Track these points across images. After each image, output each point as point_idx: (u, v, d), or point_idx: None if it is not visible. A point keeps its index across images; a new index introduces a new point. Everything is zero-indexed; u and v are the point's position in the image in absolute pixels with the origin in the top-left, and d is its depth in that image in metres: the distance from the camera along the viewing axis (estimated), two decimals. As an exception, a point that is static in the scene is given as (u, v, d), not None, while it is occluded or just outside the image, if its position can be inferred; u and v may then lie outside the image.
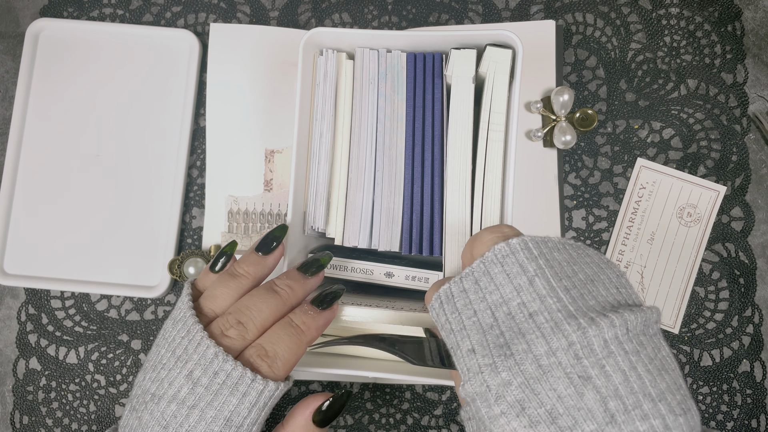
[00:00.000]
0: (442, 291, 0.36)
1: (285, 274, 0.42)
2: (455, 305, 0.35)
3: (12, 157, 0.55)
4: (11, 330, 0.55)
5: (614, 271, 0.35)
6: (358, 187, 0.47)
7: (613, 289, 0.34)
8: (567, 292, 0.32)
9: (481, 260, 0.35)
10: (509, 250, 0.34)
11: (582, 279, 0.33)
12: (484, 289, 0.34)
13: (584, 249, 0.36)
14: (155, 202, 0.55)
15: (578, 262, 0.34)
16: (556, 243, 0.35)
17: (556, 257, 0.34)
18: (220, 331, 0.38)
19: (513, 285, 0.33)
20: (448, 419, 0.53)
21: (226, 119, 0.56)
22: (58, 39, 0.57)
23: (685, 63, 0.56)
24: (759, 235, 0.55)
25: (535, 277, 0.33)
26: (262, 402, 0.37)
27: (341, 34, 0.47)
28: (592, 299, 0.32)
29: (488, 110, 0.45)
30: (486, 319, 0.33)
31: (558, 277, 0.33)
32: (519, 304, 0.32)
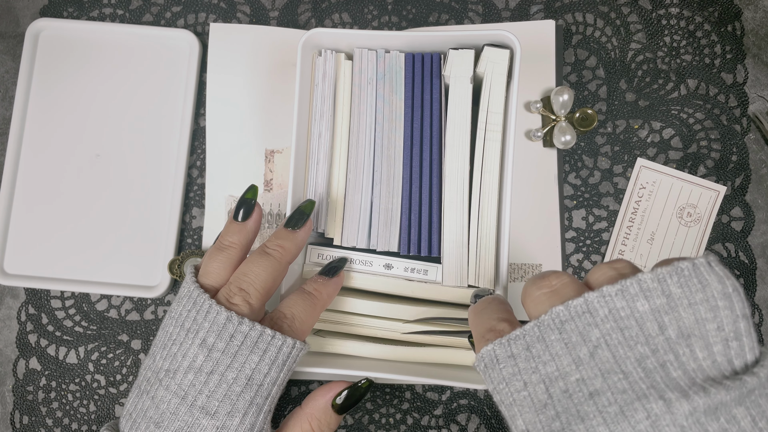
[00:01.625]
0: (485, 352, 0.31)
1: (274, 235, 0.42)
2: (501, 373, 0.30)
3: (12, 157, 0.55)
4: (11, 330, 0.55)
5: (732, 313, 0.27)
6: (356, 188, 0.47)
7: (719, 344, 0.27)
8: (639, 364, 0.27)
9: (537, 323, 0.30)
10: (569, 314, 0.29)
11: (672, 336, 0.27)
12: (537, 358, 0.29)
13: (699, 280, 0.28)
14: (155, 202, 0.55)
15: (675, 309, 0.27)
16: (643, 288, 0.28)
17: (637, 310, 0.28)
18: (225, 300, 0.39)
19: (572, 356, 0.28)
20: (448, 419, 0.53)
21: (226, 119, 0.56)
22: (58, 39, 0.57)
23: (685, 63, 0.56)
24: (759, 235, 0.54)
25: (597, 348, 0.28)
26: (281, 359, 0.37)
27: (340, 34, 0.47)
28: (677, 368, 0.27)
29: (486, 110, 0.45)
30: (539, 394, 0.29)
31: (630, 344, 0.27)
32: (578, 381, 0.28)
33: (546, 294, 0.31)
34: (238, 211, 0.43)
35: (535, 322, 0.30)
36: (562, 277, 0.32)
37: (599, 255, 0.55)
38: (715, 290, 0.27)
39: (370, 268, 0.47)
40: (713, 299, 0.27)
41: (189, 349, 0.37)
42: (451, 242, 0.45)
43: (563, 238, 0.54)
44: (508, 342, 0.30)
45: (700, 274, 0.28)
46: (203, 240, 0.55)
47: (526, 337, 0.30)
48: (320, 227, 0.47)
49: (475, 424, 0.53)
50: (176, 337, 0.38)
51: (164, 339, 0.39)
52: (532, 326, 0.30)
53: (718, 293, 0.27)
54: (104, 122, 0.56)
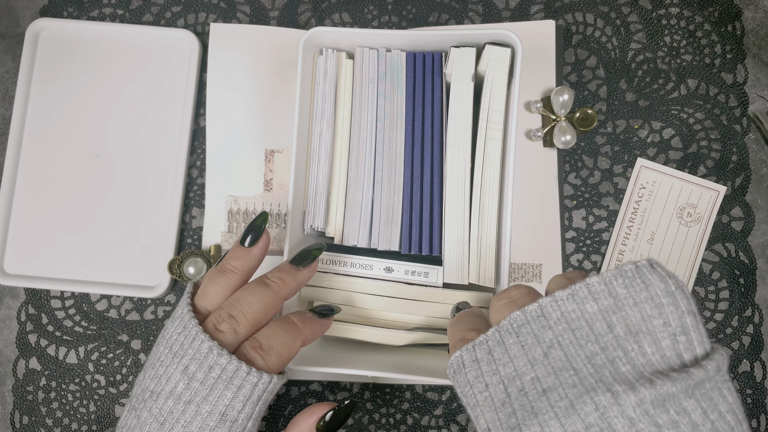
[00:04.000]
0: (453, 359, 0.33)
1: (277, 267, 0.42)
2: (467, 377, 0.32)
3: (12, 157, 0.55)
4: (11, 330, 0.55)
5: (677, 309, 0.28)
6: (357, 186, 0.47)
7: (667, 339, 0.28)
8: (589, 361, 0.28)
9: (497, 329, 0.32)
10: (525, 318, 0.31)
11: (621, 334, 0.28)
12: (498, 361, 0.31)
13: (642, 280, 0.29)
14: (155, 202, 0.55)
15: (622, 309, 0.29)
16: (591, 291, 0.30)
17: (587, 312, 0.29)
18: (213, 326, 0.38)
19: (527, 357, 0.30)
20: (448, 419, 0.53)
21: (226, 119, 0.56)
22: (58, 39, 0.57)
23: (685, 63, 0.56)
24: (759, 235, 0.54)
25: (551, 348, 0.29)
26: (257, 395, 0.37)
27: (341, 33, 0.47)
28: (626, 363, 0.28)
29: (487, 108, 0.45)
30: (498, 394, 0.30)
31: (581, 343, 0.29)
32: (533, 379, 0.29)
33: (506, 304, 0.34)
34: (246, 236, 0.42)
35: (496, 328, 0.32)
36: (520, 289, 0.34)
37: (599, 255, 0.55)
38: (658, 288, 0.29)
39: (371, 271, 0.47)
40: (657, 297, 0.28)
41: (172, 374, 0.37)
42: (452, 241, 0.45)
43: (563, 238, 0.54)
44: (473, 347, 0.32)
45: (642, 275, 0.29)
46: (203, 240, 0.55)
47: (488, 342, 0.32)
48: (321, 226, 0.47)
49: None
50: (164, 358, 0.38)
51: (154, 358, 0.39)
52: (493, 332, 0.32)
53: (661, 291, 0.29)
54: (104, 122, 0.56)
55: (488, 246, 0.45)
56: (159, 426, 0.36)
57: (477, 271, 0.45)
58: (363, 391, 0.54)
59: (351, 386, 0.54)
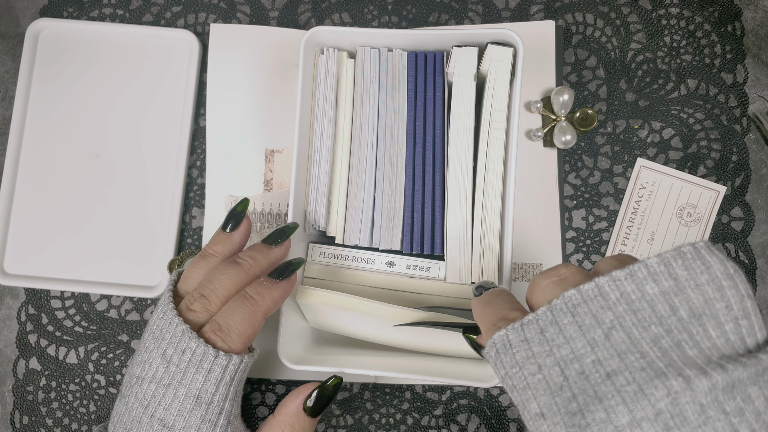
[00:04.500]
0: (497, 338, 0.31)
1: (249, 247, 0.42)
2: (515, 358, 0.30)
3: (12, 157, 0.55)
4: (11, 330, 0.55)
5: (738, 293, 0.28)
6: (359, 186, 0.47)
7: (731, 323, 0.27)
8: (655, 344, 0.27)
9: (549, 307, 0.30)
10: (581, 297, 0.29)
11: (684, 316, 0.27)
12: (551, 342, 0.29)
13: (702, 262, 0.28)
14: (155, 202, 0.55)
15: (683, 291, 0.28)
16: (651, 272, 0.29)
17: (647, 293, 0.28)
18: (186, 307, 0.39)
19: (586, 339, 0.28)
20: (448, 419, 0.53)
21: (226, 119, 0.56)
22: (58, 39, 0.57)
23: (685, 63, 0.56)
24: (759, 235, 0.55)
25: (612, 329, 0.28)
26: (228, 377, 0.37)
27: (342, 32, 0.47)
28: (693, 347, 0.27)
29: (489, 108, 0.45)
30: (554, 377, 0.28)
31: (644, 325, 0.28)
32: (594, 362, 0.28)
33: (555, 282, 0.32)
34: (227, 222, 0.43)
35: (548, 307, 0.30)
36: (570, 267, 0.32)
37: (599, 255, 0.55)
38: (718, 271, 0.28)
39: (372, 266, 0.47)
40: (718, 279, 0.28)
41: (154, 359, 0.37)
42: (455, 240, 0.45)
43: (563, 238, 0.54)
44: (521, 326, 0.30)
45: (702, 257, 0.28)
46: (203, 240, 0.55)
47: (539, 321, 0.30)
48: (322, 226, 0.47)
49: (475, 424, 0.53)
50: (147, 344, 0.39)
51: (141, 345, 0.39)
52: (544, 311, 0.30)
53: (722, 274, 0.28)
54: (104, 122, 0.56)
55: (491, 246, 0.45)
56: (143, 410, 0.37)
57: (479, 270, 0.45)
58: (363, 391, 0.54)
59: (351, 386, 0.54)
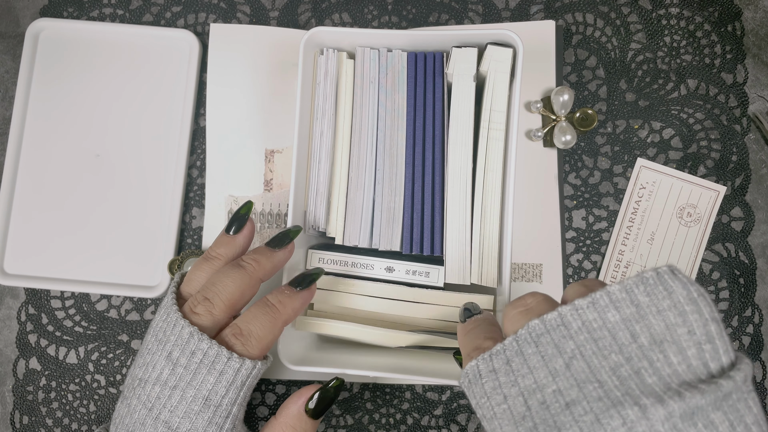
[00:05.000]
0: (469, 368, 0.32)
1: (253, 250, 0.42)
2: (483, 388, 0.31)
3: (12, 157, 0.55)
4: (11, 330, 0.55)
5: (701, 317, 0.27)
6: (358, 187, 0.47)
7: (693, 348, 0.27)
8: (614, 372, 0.27)
9: (515, 338, 0.30)
10: (544, 327, 0.30)
11: (645, 343, 0.28)
12: (516, 372, 0.30)
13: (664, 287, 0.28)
14: (155, 202, 0.55)
15: (645, 317, 0.28)
16: (613, 299, 0.29)
17: (609, 321, 0.28)
18: (189, 309, 0.39)
19: (548, 369, 0.29)
20: (448, 419, 0.53)
21: (226, 119, 0.56)
22: (58, 39, 0.57)
23: (685, 63, 0.56)
24: (759, 235, 0.55)
25: (573, 359, 0.28)
26: (240, 381, 0.37)
27: (342, 33, 0.47)
28: (652, 374, 0.27)
29: (489, 109, 0.45)
30: (518, 407, 0.29)
31: (604, 354, 0.28)
32: (554, 392, 0.28)
33: (522, 312, 0.32)
34: (231, 225, 0.43)
35: (513, 337, 0.31)
36: (537, 296, 0.33)
37: (599, 255, 0.55)
38: (680, 296, 0.28)
39: (372, 271, 0.47)
40: (680, 305, 0.28)
41: (158, 361, 0.37)
42: (454, 241, 0.45)
43: (563, 238, 0.54)
44: (489, 357, 0.31)
45: (664, 282, 0.28)
46: (203, 240, 0.55)
47: (506, 351, 0.31)
48: (322, 226, 0.47)
49: (475, 424, 0.53)
50: (150, 346, 0.38)
51: (143, 347, 0.39)
52: (510, 341, 0.31)
53: (684, 298, 0.28)
54: (104, 122, 0.56)
55: (490, 246, 0.45)
56: (147, 412, 0.36)
57: (479, 271, 0.45)
58: (363, 391, 0.54)
59: (351, 386, 0.54)
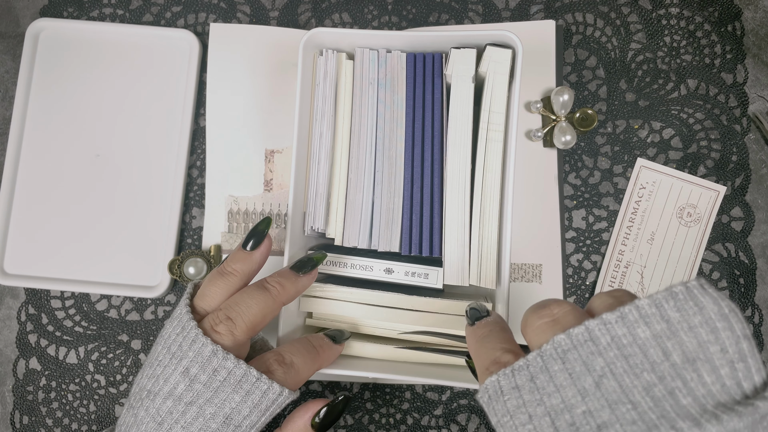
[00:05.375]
0: (489, 384, 0.31)
1: (277, 273, 0.42)
2: (506, 406, 0.29)
3: (12, 157, 0.55)
4: (11, 330, 0.55)
5: (733, 334, 0.26)
6: (357, 188, 0.47)
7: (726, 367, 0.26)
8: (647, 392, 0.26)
9: (539, 353, 0.29)
10: (571, 343, 0.28)
11: (678, 362, 0.26)
12: (542, 390, 0.28)
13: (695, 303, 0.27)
14: (155, 202, 0.55)
15: (676, 334, 0.27)
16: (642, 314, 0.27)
17: (639, 337, 0.27)
18: (210, 327, 0.38)
19: (576, 387, 0.27)
20: (448, 419, 0.53)
21: (226, 119, 0.56)
22: (58, 39, 0.57)
23: (685, 63, 0.56)
24: (759, 235, 0.55)
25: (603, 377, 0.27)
26: (265, 405, 0.37)
27: (341, 34, 0.47)
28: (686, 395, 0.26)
29: (488, 110, 0.45)
30: (544, 428, 0.28)
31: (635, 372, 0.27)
32: (584, 413, 0.27)
33: (547, 323, 0.31)
34: (248, 240, 0.42)
35: (538, 352, 0.29)
36: (563, 306, 0.31)
37: (599, 255, 0.55)
38: (712, 312, 0.27)
39: (371, 272, 0.47)
40: (712, 321, 0.27)
41: (171, 375, 0.37)
42: (453, 242, 0.45)
43: (563, 238, 0.54)
44: (512, 373, 0.30)
45: (695, 297, 0.27)
46: (203, 240, 0.55)
47: (530, 367, 0.29)
48: (321, 227, 0.47)
49: (475, 424, 0.53)
50: (162, 358, 0.38)
51: (152, 358, 0.39)
52: (534, 356, 0.29)
53: (716, 314, 0.27)
54: (104, 122, 0.56)
55: (489, 247, 0.45)
56: (157, 426, 0.36)
57: (477, 272, 0.45)
58: (363, 391, 0.54)
59: (351, 386, 0.54)
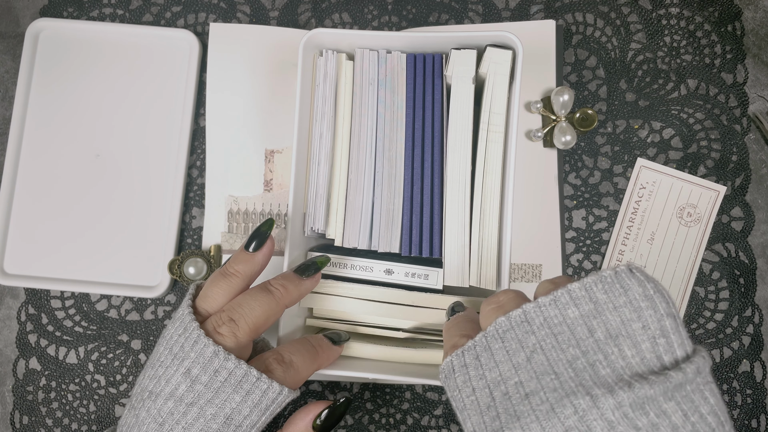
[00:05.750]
0: (444, 364, 0.34)
1: (281, 275, 0.42)
2: (456, 381, 0.33)
3: (12, 157, 0.55)
4: (11, 330, 0.55)
5: (656, 312, 0.29)
6: (358, 188, 0.47)
7: (647, 342, 0.28)
8: (571, 365, 0.29)
9: (484, 335, 0.32)
10: (509, 324, 0.32)
11: (601, 338, 0.29)
12: (484, 366, 0.32)
13: (621, 285, 0.30)
14: (155, 202, 0.55)
15: (602, 314, 0.30)
16: (573, 296, 0.30)
17: (569, 317, 0.30)
18: (212, 328, 0.38)
19: (512, 362, 0.31)
20: (448, 419, 0.53)
21: (226, 119, 0.56)
22: (58, 39, 0.57)
23: (685, 63, 0.56)
24: (759, 235, 0.55)
25: (534, 353, 0.30)
26: (265, 404, 0.37)
27: (341, 34, 0.47)
28: (606, 366, 0.28)
29: (488, 111, 0.45)
30: (484, 398, 0.31)
31: (562, 348, 0.30)
32: (516, 383, 0.30)
33: (493, 309, 0.34)
34: (251, 241, 0.42)
35: (482, 333, 0.33)
36: (508, 294, 0.35)
37: (599, 255, 0.55)
38: (636, 293, 0.29)
39: (371, 273, 0.47)
40: (636, 301, 0.29)
41: (173, 376, 0.37)
42: (453, 243, 0.45)
43: (563, 238, 0.54)
44: (462, 353, 0.33)
45: (621, 280, 0.30)
46: (203, 240, 0.55)
47: (476, 347, 0.33)
48: (321, 228, 0.47)
49: (475, 424, 0.53)
50: (163, 359, 0.38)
51: (154, 358, 0.39)
52: (480, 337, 0.33)
53: (640, 295, 0.29)
54: (104, 122, 0.56)
55: (489, 248, 0.45)
56: (158, 427, 0.36)
57: (477, 273, 0.45)
58: (363, 391, 0.54)
59: (351, 386, 0.54)
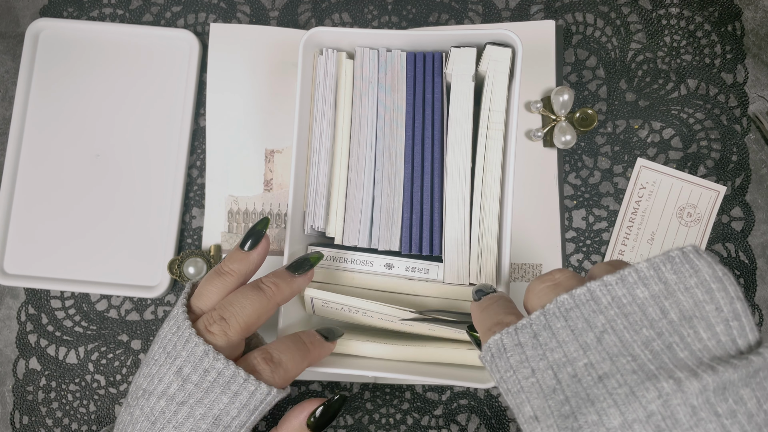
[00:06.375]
0: (492, 342, 0.32)
1: (273, 273, 0.42)
2: (509, 361, 0.31)
3: (12, 157, 0.55)
4: (11, 330, 0.55)
5: (727, 295, 0.28)
6: (357, 187, 0.47)
7: (721, 324, 0.27)
8: (646, 346, 0.27)
9: (542, 312, 0.30)
10: (573, 302, 0.30)
11: (675, 319, 0.28)
12: (545, 346, 0.30)
13: (690, 266, 0.29)
14: (155, 202, 0.55)
15: (674, 294, 0.28)
16: (641, 276, 0.29)
17: (638, 297, 0.29)
18: (204, 327, 0.38)
19: (579, 342, 0.29)
20: (448, 419, 0.53)
21: (226, 119, 0.56)
22: (58, 39, 0.57)
23: (685, 63, 0.56)
24: (759, 235, 0.54)
25: (604, 333, 0.28)
26: (253, 405, 0.37)
27: (341, 33, 0.47)
28: (684, 349, 0.27)
29: (488, 109, 0.45)
30: (547, 380, 0.29)
31: (635, 328, 0.28)
32: (586, 365, 0.28)
33: (549, 287, 0.32)
34: (246, 240, 0.42)
35: (541, 311, 0.30)
36: (565, 272, 0.33)
37: (599, 255, 0.55)
38: (706, 274, 0.28)
39: (371, 267, 0.47)
40: (707, 282, 0.28)
41: (165, 375, 0.37)
42: (453, 241, 0.45)
43: (563, 238, 0.54)
44: (515, 331, 0.31)
45: (690, 261, 0.29)
46: (203, 240, 0.55)
47: (533, 325, 0.30)
48: (321, 226, 0.47)
49: (475, 424, 0.53)
50: (157, 357, 0.38)
51: (149, 357, 0.39)
52: (538, 315, 0.30)
53: (710, 276, 0.28)
54: (104, 122, 0.56)
55: (489, 246, 0.45)
56: (150, 425, 0.36)
57: (477, 271, 0.45)
58: (363, 391, 0.54)
59: (351, 386, 0.54)
